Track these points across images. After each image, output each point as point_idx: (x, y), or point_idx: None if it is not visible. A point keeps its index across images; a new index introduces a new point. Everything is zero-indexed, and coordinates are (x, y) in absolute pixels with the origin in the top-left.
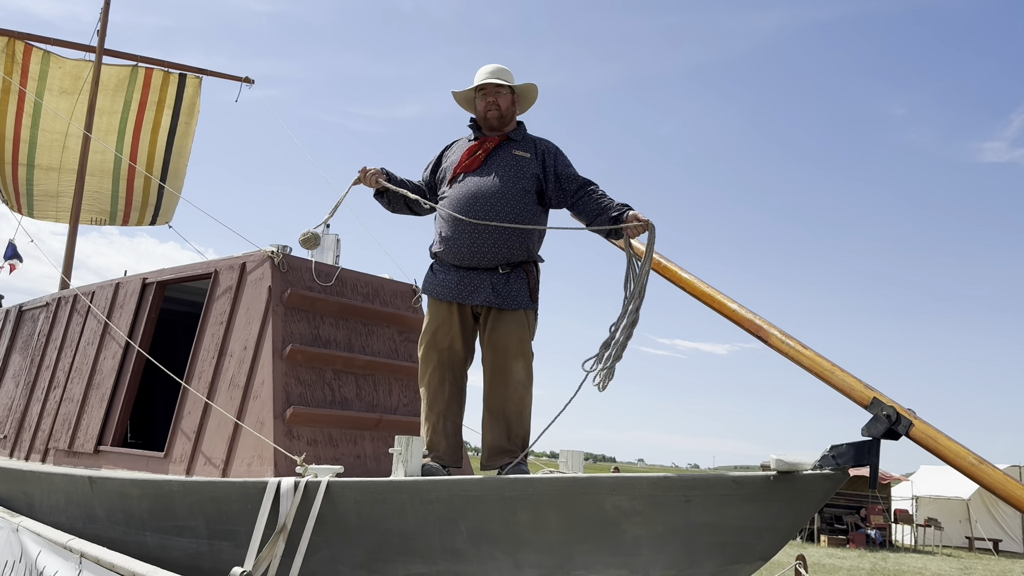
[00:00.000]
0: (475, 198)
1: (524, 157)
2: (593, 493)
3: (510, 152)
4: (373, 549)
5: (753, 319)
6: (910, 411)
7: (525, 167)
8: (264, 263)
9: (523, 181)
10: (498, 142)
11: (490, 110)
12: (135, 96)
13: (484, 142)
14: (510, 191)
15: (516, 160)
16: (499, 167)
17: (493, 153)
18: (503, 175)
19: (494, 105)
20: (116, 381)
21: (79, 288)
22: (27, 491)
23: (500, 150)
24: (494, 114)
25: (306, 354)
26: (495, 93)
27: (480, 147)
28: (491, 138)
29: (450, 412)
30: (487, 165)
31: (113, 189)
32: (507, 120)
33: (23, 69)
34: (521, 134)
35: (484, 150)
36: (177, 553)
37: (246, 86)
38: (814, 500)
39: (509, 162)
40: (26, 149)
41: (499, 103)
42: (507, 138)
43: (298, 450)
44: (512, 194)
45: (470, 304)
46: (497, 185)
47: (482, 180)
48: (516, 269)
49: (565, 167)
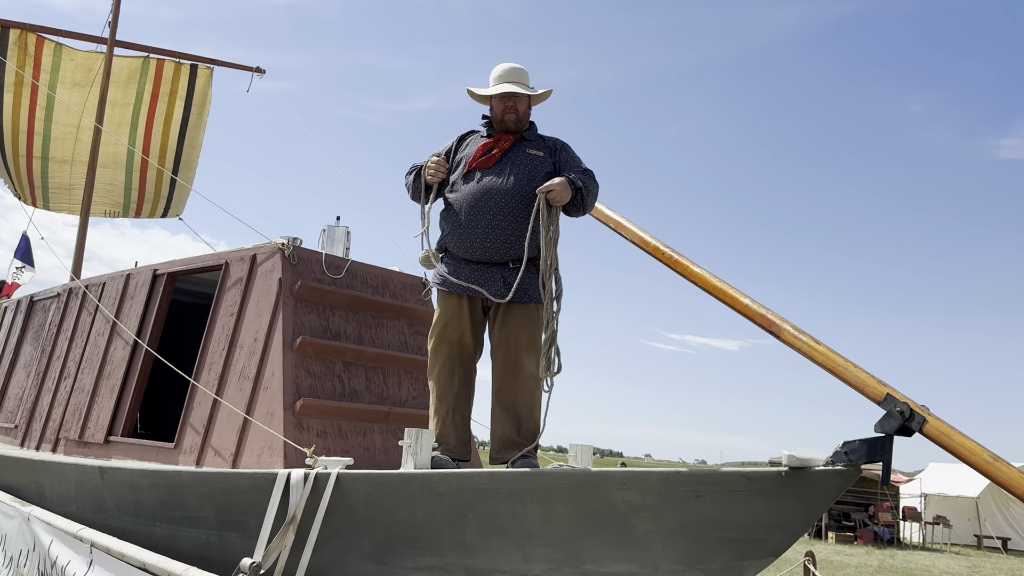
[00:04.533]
0: (489, 194)
1: (537, 156)
2: (603, 487)
3: (524, 151)
4: (382, 541)
5: (765, 314)
6: (924, 407)
7: (538, 166)
8: (275, 255)
9: (537, 181)
10: (512, 141)
11: (508, 113)
12: (147, 88)
13: (499, 140)
14: (523, 190)
15: (530, 159)
16: (513, 166)
17: (508, 152)
18: (517, 174)
19: (512, 110)
20: (126, 372)
21: (90, 279)
22: (38, 481)
23: (515, 149)
24: (511, 118)
25: (316, 346)
26: (513, 98)
27: (495, 145)
28: (505, 137)
29: (459, 405)
30: (502, 164)
31: (126, 181)
32: (523, 123)
33: (35, 62)
34: (534, 133)
35: (500, 148)
36: (186, 544)
37: (258, 76)
38: (826, 496)
39: (523, 161)
40: (40, 142)
41: (517, 108)
42: (521, 137)
43: (308, 442)
44: (525, 194)
45: (480, 297)
46: (511, 184)
47: (496, 179)
48: (527, 264)
49: (566, 163)
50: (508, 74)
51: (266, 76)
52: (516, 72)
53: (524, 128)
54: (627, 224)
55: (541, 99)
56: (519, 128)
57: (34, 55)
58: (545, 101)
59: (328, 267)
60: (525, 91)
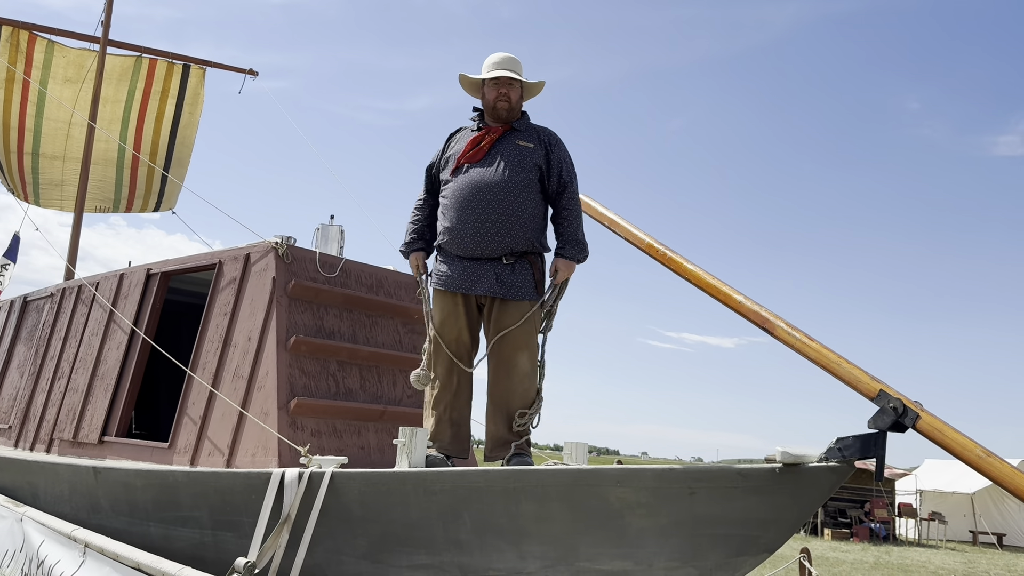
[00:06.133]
0: (478, 189)
1: (527, 147)
2: (598, 485)
3: (514, 142)
4: (377, 540)
5: (759, 311)
6: (917, 403)
7: (528, 157)
8: (268, 254)
9: (526, 172)
10: (502, 132)
11: (500, 101)
12: (139, 85)
13: (488, 132)
14: (513, 182)
15: (520, 150)
16: (503, 158)
17: (497, 144)
18: (506, 166)
19: (505, 97)
20: (120, 371)
21: (84, 279)
22: (32, 481)
23: (504, 140)
24: (504, 105)
25: (310, 345)
26: (507, 85)
27: (484, 137)
28: (495, 128)
29: (457, 403)
30: (490, 156)
31: (117, 177)
32: (515, 113)
33: (27, 58)
34: (525, 124)
35: (488, 141)
36: (181, 543)
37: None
38: (820, 493)
39: (513, 152)
40: (31, 138)
41: (510, 96)
42: (511, 128)
43: (302, 441)
44: (514, 184)
45: (474, 294)
46: (500, 176)
47: (485, 171)
48: (520, 259)
49: (558, 163)
50: (503, 62)
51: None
52: (510, 60)
53: (516, 118)
54: (620, 221)
55: (534, 91)
56: (510, 117)
57: (26, 51)
58: (538, 96)
59: (322, 266)
60: (517, 76)
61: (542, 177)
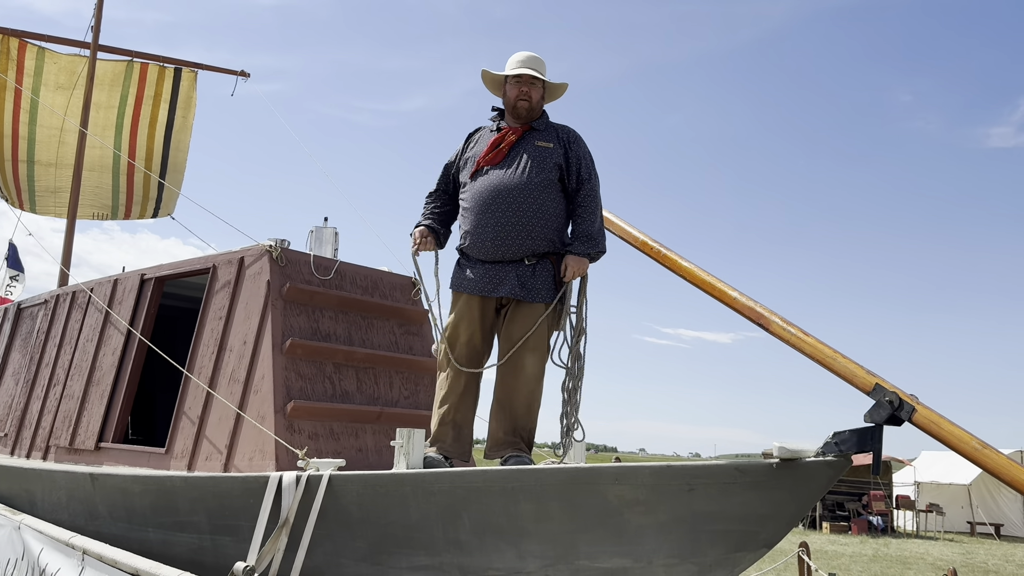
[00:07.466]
0: (497, 191)
1: (547, 147)
2: (596, 483)
3: (532, 143)
4: (376, 542)
5: (754, 306)
6: (913, 396)
7: (548, 157)
8: (262, 257)
9: (546, 172)
10: (520, 133)
11: (522, 99)
12: (131, 91)
13: (507, 134)
14: (532, 183)
15: (539, 151)
16: (522, 159)
17: (516, 145)
18: (526, 167)
19: (526, 96)
20: (116, 377)
21: (78, 284)
22: (28, 489)
23: (523, 141)
24: (524, 105)
25: (306, 348)
26: (529, 84)
27: (503, 139)
28: (513, 129)
29: (462, 405)
30: (510, 157)
31: (114, 184)
32: (535, 112)
33: (18, 65)
34: (544, 123)
35: (507, 143)
36: (179, 549)
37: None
38: (817, 487)
39: (532, 153)
40: (25, 145)
41: (531, 95)
42: (530, 128)
43: (299, 444)
44: (534, 186)
45: (495, 296)
46: (520, 177)
47: (505, 173)
48: (542, 260)
49: (577, 160)
50: (527, 60)
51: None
52: (534, 60)
53: (536, 118)
54: (615, 220)
55: (556, 93)
56: (530, 117)
57: (16, 59)
58: (558, 99)
59: (317, 268)
60: (540, 75)
61: (562, 176)
